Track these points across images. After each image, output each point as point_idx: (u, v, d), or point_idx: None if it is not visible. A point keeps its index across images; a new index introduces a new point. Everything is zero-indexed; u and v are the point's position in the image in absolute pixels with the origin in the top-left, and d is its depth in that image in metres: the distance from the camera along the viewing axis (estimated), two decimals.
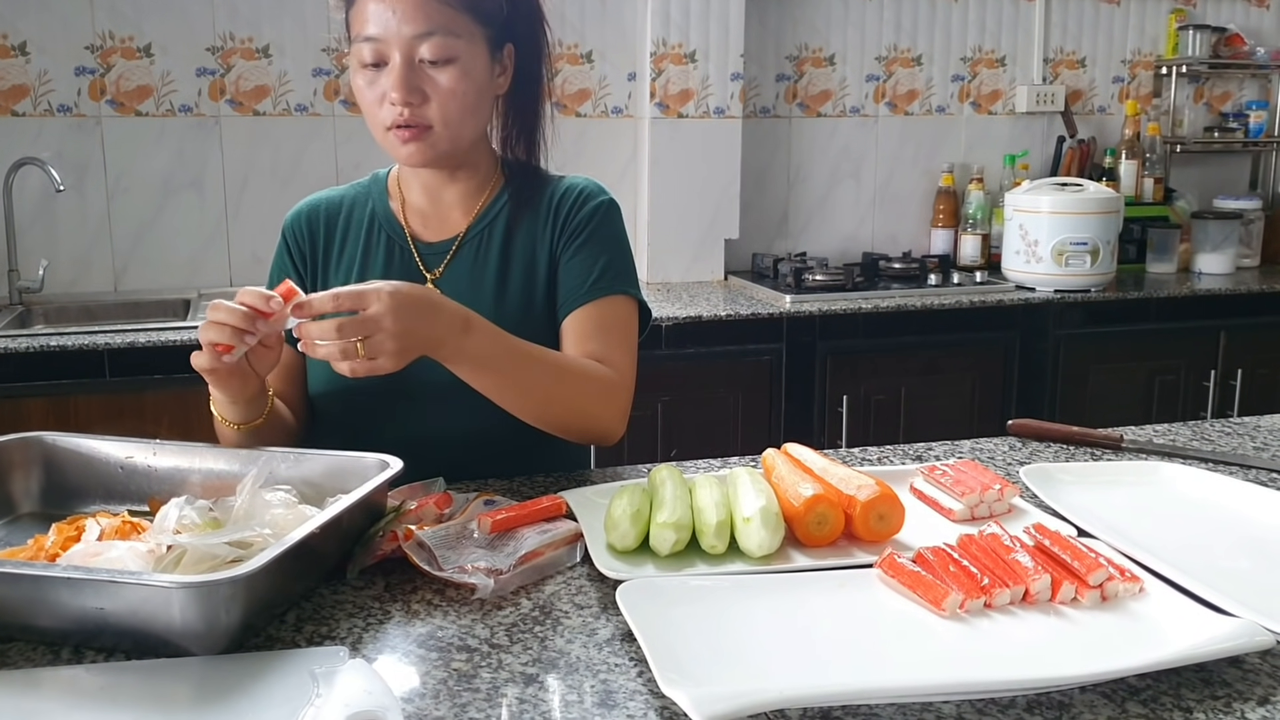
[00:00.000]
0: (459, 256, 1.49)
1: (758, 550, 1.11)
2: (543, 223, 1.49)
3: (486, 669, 0.92)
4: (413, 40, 1.35)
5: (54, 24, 2.94)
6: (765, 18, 3.49)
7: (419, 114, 1.37)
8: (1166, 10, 3.86)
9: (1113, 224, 3.25)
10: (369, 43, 1.36)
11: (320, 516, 1.04)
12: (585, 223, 1.49)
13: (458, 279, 1.47)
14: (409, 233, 1.51)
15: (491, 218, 1.50)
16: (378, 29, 1.35)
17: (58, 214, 3.01)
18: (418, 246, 1.50)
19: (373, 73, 1.38)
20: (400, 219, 1.52)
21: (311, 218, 1.55)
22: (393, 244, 1.51)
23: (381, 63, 1.37)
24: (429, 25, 1.35)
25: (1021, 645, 0.95)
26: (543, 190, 1.52)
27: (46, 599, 0.93)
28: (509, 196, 1.51)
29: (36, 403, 2.45)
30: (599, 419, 1.41)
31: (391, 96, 1.36)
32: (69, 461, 1.28)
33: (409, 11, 1.35)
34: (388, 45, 1.36)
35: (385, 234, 1.51)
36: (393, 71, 1.36)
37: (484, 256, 1.49)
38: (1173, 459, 1.48)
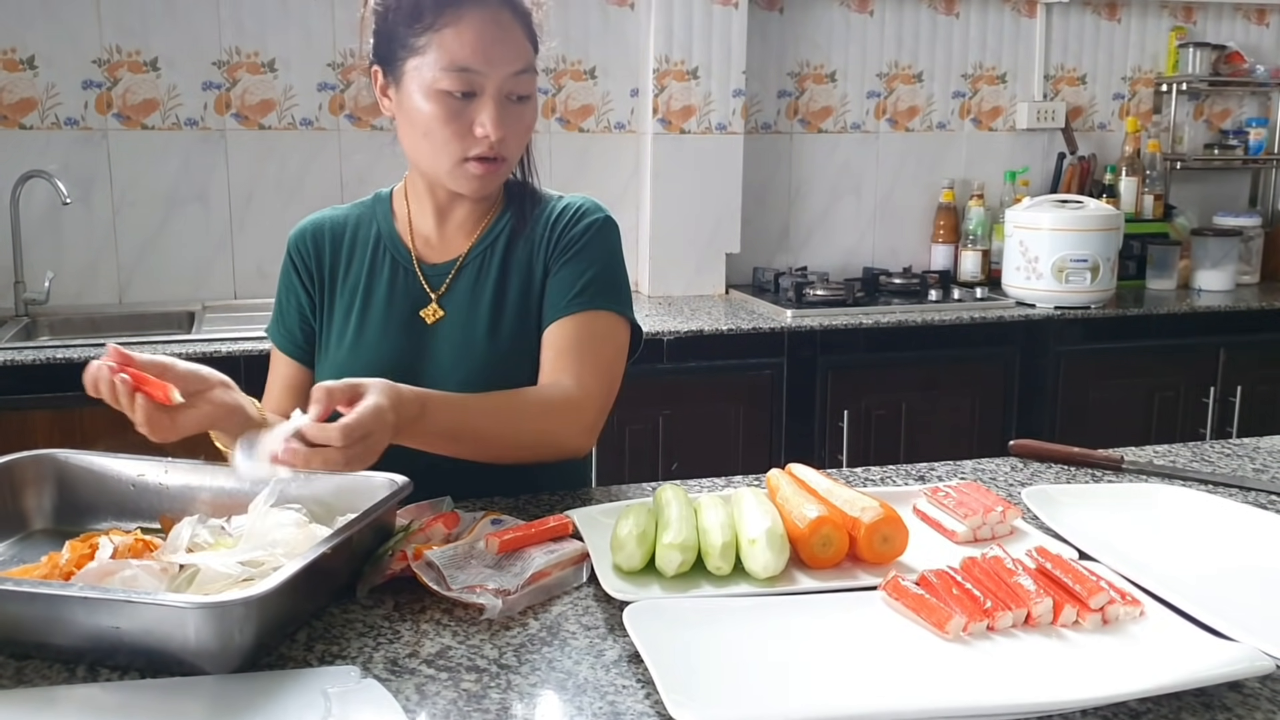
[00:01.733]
0: (460, 277, 1.50)
1: (763, 572, 1.12)
2: (539, 241, 1.51)
3: (495, 689, 0.93)
4: (510, 77, 1.36)
5: (61, 38, 2.96)
6: (767, 35, 3.51)
7: (502, 148, 1.38)
8: (1167, 28, 3.88)
9: (1113, 241, 3.26)
10: (464, 73, 1.34)
11: (332, 536, 1.06)
12: (577, 238, 1.49)
13: (458, 299, 1.49)
14: (414, 254, 1.52)
15: (493, 238, 1.52)
16: (479, 61, 1.34)
17: (64, 226, 3.02)
18: (422, 268, 1.51)
19: (457, 103, 1.36)
20: (406, 240, 1.53)
21: (317, 236, 1.55)
22: (397, 265, 1.52)
23: (470, 94, 1.35)
24: (524, 62, 1.37)
25: (1023, 668, 0.96)
26: (541, 209, 1.53)
27: (63, 618, 0.95)
28: (510, 217, 1.53)
29: (41, 415, 2.46)
30: (560, 442, 1.40)
31: (487, 131, 1.35)
32: (81, 479, 1.29)
33: (511, 49, 1.36)
34: (484, 78, 1.35)
35: (390, 255, 1.52)
36: (489, 107, 1.35)
37: (484, 277, 1.50)
38: (1173, 481, 1.49)
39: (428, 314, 1.49)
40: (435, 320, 1.48)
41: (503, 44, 1.35)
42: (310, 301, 1.54)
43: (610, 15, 3.35)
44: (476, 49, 1.34)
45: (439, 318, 1.48)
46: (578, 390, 1.41)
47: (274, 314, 1.58)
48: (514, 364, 1.46)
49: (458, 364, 1.45)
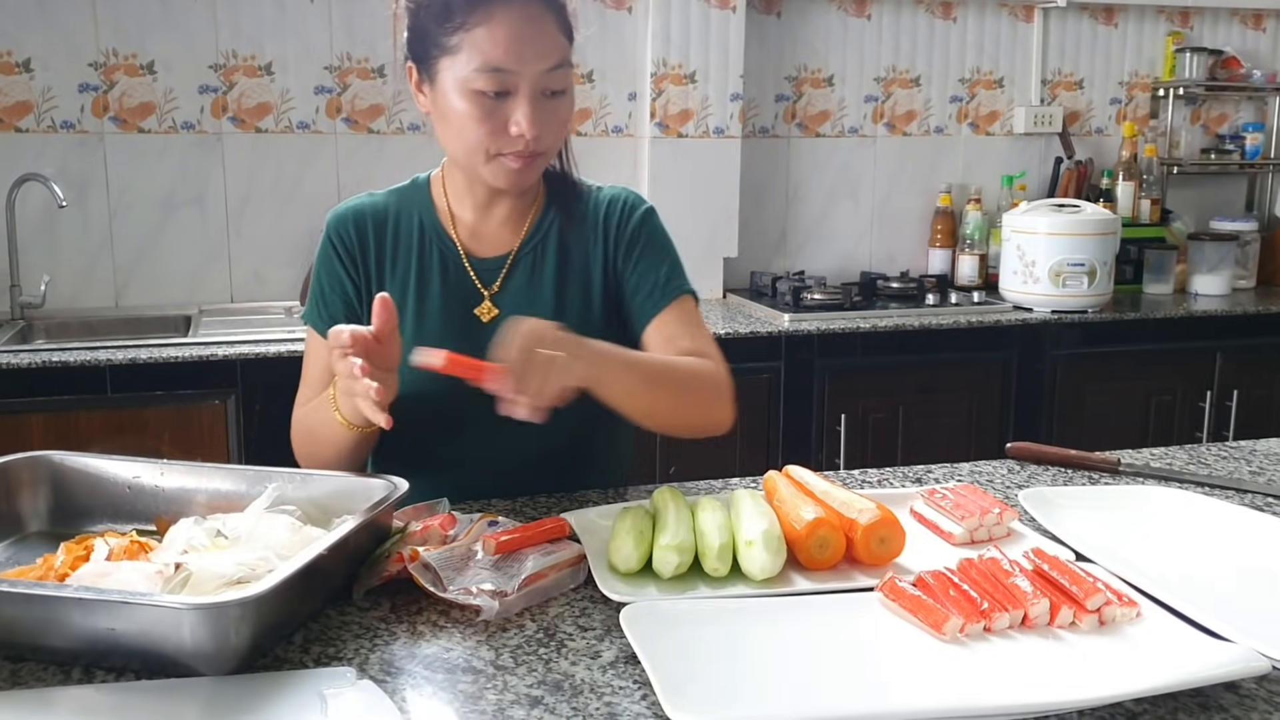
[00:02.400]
0: (515, 272, 1.49)
1: (760, 573, 1.12)
2: (592, 237, 1.51)
3: (492, 691, 0.93)
4: (544, 74, 1.34)
5: (58, 41, 2.95)
6: (764, 39, 3.51)
7: (539, 143, 1.37)
8: (1164, 33, 3.89)
9: (1110, 245, 3.27)
10: (497, 73, 1.32)
11: (328, 538, 1.05)
12: (638, 233, 1.51)
13: (515, 294, 1.48)
14: (461, 248, 1.50)
15: (543, 233, 1.51)
16: (512, 61, 1.32)
17: (60, 230, 3.02)
18: (471, 262, 1.49)
19: (491, 102, 1.34)
20: (451, 233, 1.50)
21: (359, 222, 1.51)
22: (446, 259, 1.49)
23: (504, 92, 1.34)
24: (558, 58, 1.35)
25: (1020, 669, 0.96)
26: (585, 202, 1.53)
27: (58, 619, 0.94)
28: (557, 211, 1.52)
29: (37, 418, 2.46)
30: (716, 414, 1.43)
31: (522, 128, 1.34)
32: (76, 481, 1.29)
33: (544, 45, 1.34)
34: (518, 77, 1.33)
35: (437, 248, 1.50)
36: (524, 105, 1.33)
37: (538, 273, 1.50)
38: (1169, 483, 1.49)
39: (482, 312, 1.48)
40: (490, 318, 1.47)
41: (535, 41, 1.33)
42: (355, 287, 1.50)
43: (608, 19, 3.35)
44: (509, 48, 1.32)
45: (494, 315, 1.47)
46: (717, 366, 1.44)
47: (312, 298, 1.53)
48: None
49: None
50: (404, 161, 3.22)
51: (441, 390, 1.42)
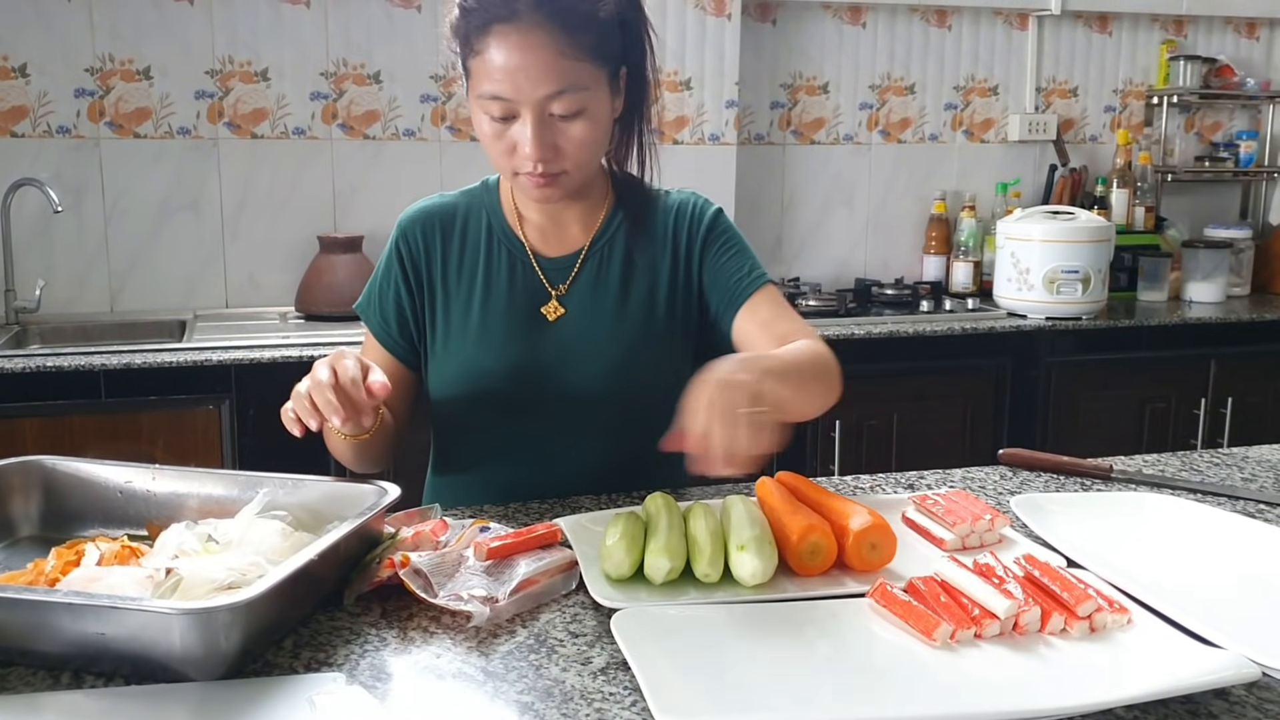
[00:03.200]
0: (583, 272, 1.51)
1: (751, 579, 1.12)
2: (662, 240, 1.52)
3: (482, 697, 0.93)
4: (544, 100, 1.33)
5: (54, 46, 2.96)
6: (760, 46, 3.52)
7: (552, 166, 1.37)
8: (1158, 41, 3.90)
9: (1104, 252, 3.27)
10: (497, 101, 1.33)
11: (319, 543, 1.05)
12: (714, 232, 1.53)
13: (581, 294, 1.50)
14: (529, 248, 1.51)
15: (611, 234, 1.52)
16: (507, 89, 1.32)
17: (55, 234, 3.02)
18: (539, 262, 1.51)
19: (500, 125, 1.35)
20: (519, 233, 1.52)
21: (427, 226, 1.52)
22: (514, 259, 1.51)
23: (510, 118, 1.35)
24: (560, 84, 1.32)
25: (1011, 676, 0.96)
26: (655, 206, 1.54)
27: (47, 624, 0.94)
28: (624, 213, 1.53)
29: (31, 423, 2.46)
30: (838, 389, 1.41)
31: (525, 152, 1.34)
32: (68, 485, 1.29)
33: (541, 72, 1.31)
34: (517, 104, 1.33)
35: (505, 249, 1.51)
36: (525, 129, 1.33)
37: (606, 272, 1.51)
38: (1161, 490, 1.49)
39: (549, 311, 1.49)
40: (557, 318, 1.48)
41: (530, 70, 1.31)
42: (410, 297, 1.52)
43: None
44: (503, 79, 1.31)
45: (560, 315, 1.48)
46: (822, 345, 1.43)
47: (370, 293, 1.55)
48: (640, 364, 1.48)
49: (584, 362, 1.47)
50: (399, 168, 3.22)
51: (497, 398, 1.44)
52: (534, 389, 1.47)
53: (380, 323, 1.53)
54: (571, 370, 1.47)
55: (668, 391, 1.50)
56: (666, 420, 1.47)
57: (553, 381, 1.46)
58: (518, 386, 1.47)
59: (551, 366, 1.47)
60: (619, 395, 1.48)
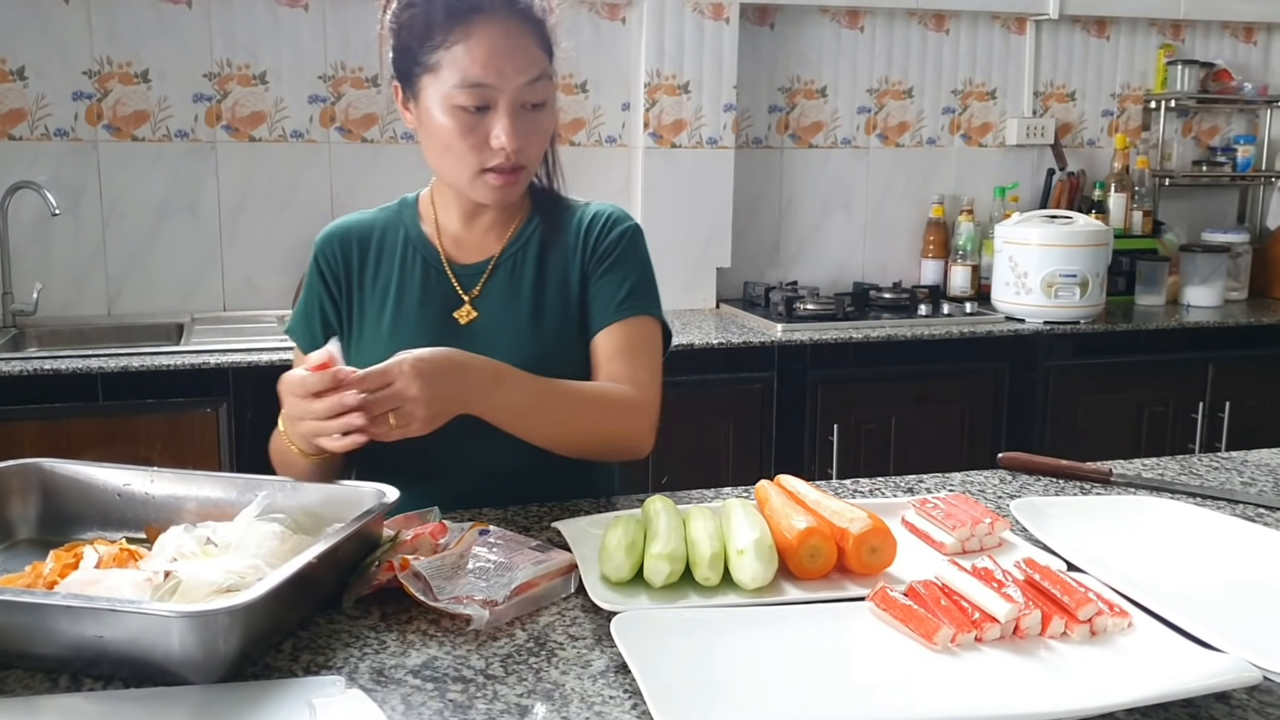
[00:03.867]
0: (494, 277, 1.52)
1: (751, 583, 1.12)
2: (573, 246, 1.53)
3: (482, 700, 0.93)
4: (524, 87, 1.36)
5: (52, 49, 2.95)
6: (758, 50, 3.52)
7: (521, 157, 1.39)
8: (1155, 45, 3.90)
9: (1102, 256, 3.27)
10: (477, 89, 1.35)
11: (318, 546, 1.05)
12: (614, 246, 1.53)
13: (493, 298, 1.51)
14: (443, 255, 1.52)
15: (524, 240, 1.53)
16: (491, 76, 1.35)
17: (53, 237, 3.01)
18: (453, 268, 1.52)
19: (472, 117, 1.37)
20: (434, 242, 1.53)
21: (344, 241, 1.55)
22: (428, 266, 1.52)
23: (485, 107, 1.36)
24: (536, 71, 1.37)
25: (1011, 680, 0.96)
26: (570, 214, 1.56)
27: (46, 626, 0.94)
28: (539, 220, 1.54)
29: (29, 426, 2.45)
30: (624, 438, 1.46)
31: (502, 143, 1.36)
32: (67, 488, 1.28)
33: (523, 58, 1.36)
34: (497, 92, 1.35)
35: (420, 257, 1.53)
36: (504, 119, 1.36)
37: (519, 277, 1.52)
38: (1161, 494, 1.49)
39: (461, 315, 1.50)
40: (469, 321, 1.49)
41: (513, 55, 1.35)
42: (335, 308, 1.54)
43: (602, 29, 3.36)
44: (487, 64, 1.34)
45: (472, 319, 1.50)
46: (638, 392, 1.46)
47: (297, 314, 1.57)
48: (552, 366, 1.46)
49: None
50: (397, 171, 3.22)
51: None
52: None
53: (310, 341, 1.53)
54: None
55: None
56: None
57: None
58: None
59: None
60: None
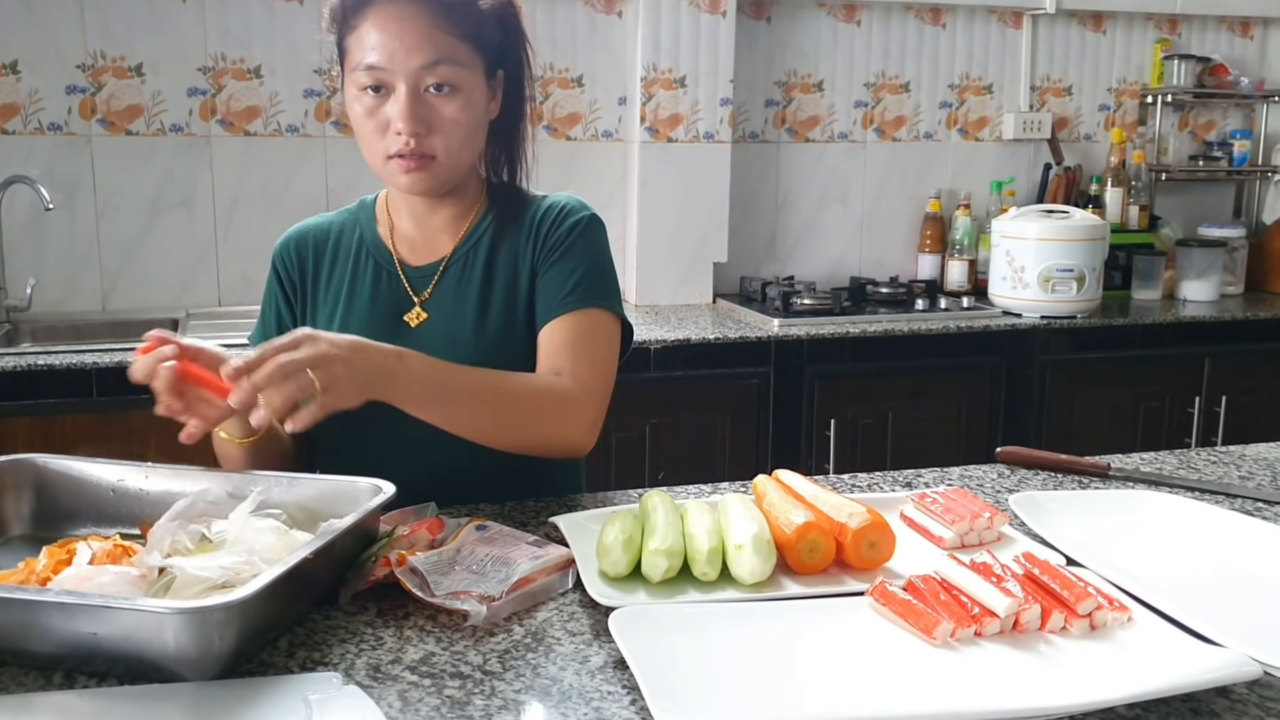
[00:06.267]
0: (445, 278, 1.50)
1: (750, 578, 1.11)
2: (524, 240, 1.50)
3: (479, 696, 0.92)
4: (419, 70, 1.35)
5: (45, 43, 2.94)
6: (755, 44, 3.51)
7: (424, 144, 1.38)
8: (1152, 40, 3.90)
9: (1098, 251, 3.27)
10: (371, 71, 1.35)
11: (314, 542, 1.04)
12: (564, 237, 1.49)
13: (443, 300, 1.49)
14: (396, 258, 1.51)
15: (476, 239, 1.51)
16: (382, 58, 1.35)
17: (46, 232, 3.00)
18: (405, 271, 1.51)
19: (373, 100, 1.37)
20: (388, 244, 1.53)
21: (300, 245, 1.55)
22: (380, 269, 1.51)
23: (382, 89, 1.37)
24: (436, 55, 1.35)
25: (1011, 674, 0.95)
26: (525, 209, 1.53)
27: (39, 624, 0.93)
28: (493, 217, 1.52)
29: (22, 422, 2.44)
30: (559, 434, 1.40)
31: (398, 127, 1.36)
32: (60, 484, 1.28)
33: (416, 41, 1.34)
34: (393, 75, 1.35)
35: (373, 260, 1.52)
36: (398, 102, 1.36)
37: (468, 277, 1.49)
38: (1159, 487, 1.49)
39: (411, 318, 1.48)
40: (419, 324, 1.48)
41: (405, 38, 1.34)
42: (291, 314, 1.54)
43: (598, 23, 3.35)
44: (379, 45, 1.35)
45: (422, 321, 1.48)
46: (576, 386, 1.40)
47: (259, 321, 1.58)
48: (502, 366, 1.44)
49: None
50: None
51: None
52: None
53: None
54: None
55: None
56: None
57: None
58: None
59: None
60: None
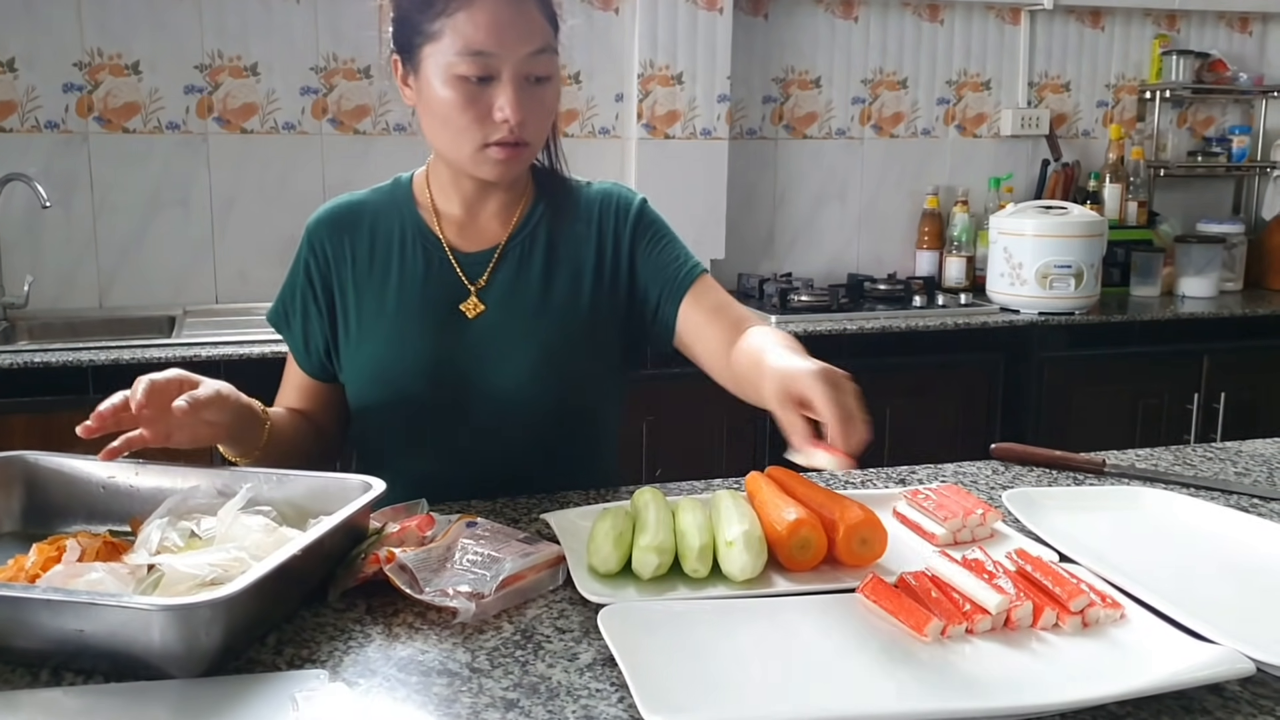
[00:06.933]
0: (502, 265, 1.47)
1: (740, 574, 1.11)
2: (585, 231, 1.50)
3: (467, 694, 0.92)
4: (528, 57, 1.33)
5: (42, 40, 2.94)
6: (752, 40, 3.51)
7: (524, 132, 1.35)
8: (1150, 35, 3.89)
9: (1096, 247, 3.27)
10: (479, 57, 1.31)
11: (302, 539, 1.04)
12: (642, 224, 1.52)
13: (501, 289, 1.46)
14: (445, 244, 1.48)
15: (532, 227, 1.50)
16: (493, 44, 1.30)
17: (44, 230, 3.00)
18: (456, 257, 1.47)
19: (474, 88, 1.32)
20: (434, 229, 1.48)
21: (334, 229, 1.49)
22: (430, 255, 1.47)
23: (488, 78, 1.32)
24: (542, 41, 1.34)
25: (1003, 671, 0.95)
26: (576, 197, 1.52)
27: (25, 620, 0.93)
28: (545, 205, 1.51)
29: (19, 419, 2.44)
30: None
31: (505, 115, 1.32)
32: (51, 481, 1.27)
33: (527, 27, 1.32)
34: (501, 61, 1.31)
35: (421, 245, 1.48)
36: (506, 89, 1.32)
37: (526, 268, 1.48)
38: (1154, 484, 1.48)
39: (467, 308, 1.46)
40: (476, 315, 1.45)
41: (518, 24, 1.31)
42: (319, 312, 1.49)
43: (595, 20, 3.34)
44: (491, 31, 1.30)
45: (480, 312, 1.45)
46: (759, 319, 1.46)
47: (281, 305, 1.53)
48: (563, 359, 1.45)
49: (505, 359, 1.44)
50: (390, 162, 3.18)
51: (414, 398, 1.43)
52: (455, 386, 1.43)
53: (290, 339, 1.53)
54: (493, 367, 1.43)
55: (594, 385, 1.50)
56: (592, 414, 1.50)
57: (474, 378, 1.43)
58: (438, 385, 1.43)
59: (472, 364, 1.43)
60: (542, 391, 1.45)
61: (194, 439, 1.26)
